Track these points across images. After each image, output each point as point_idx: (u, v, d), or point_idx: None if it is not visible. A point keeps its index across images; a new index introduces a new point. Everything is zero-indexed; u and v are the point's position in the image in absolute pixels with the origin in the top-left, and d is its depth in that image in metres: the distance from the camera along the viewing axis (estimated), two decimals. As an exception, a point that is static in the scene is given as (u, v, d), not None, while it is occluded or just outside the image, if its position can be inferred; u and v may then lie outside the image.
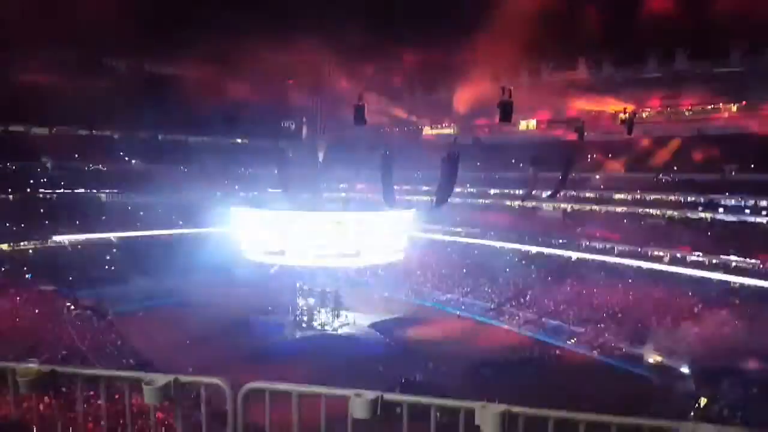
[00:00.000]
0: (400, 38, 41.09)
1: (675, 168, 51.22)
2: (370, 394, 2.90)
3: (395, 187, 41.36)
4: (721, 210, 48.11)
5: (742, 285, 42.32)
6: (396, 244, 43.71)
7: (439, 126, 73.80)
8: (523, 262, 55.04)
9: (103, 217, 56.41)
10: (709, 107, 51.76)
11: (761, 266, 41.89)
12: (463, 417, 2.86)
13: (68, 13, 36.89)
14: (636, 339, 38.56)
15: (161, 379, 3.10)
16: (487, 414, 2.73)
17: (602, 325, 41.86)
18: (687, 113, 53.42)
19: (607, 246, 51.17)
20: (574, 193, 55.67)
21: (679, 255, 46.61)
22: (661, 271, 46.85)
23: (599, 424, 2.75)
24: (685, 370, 33.69)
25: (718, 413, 27.40)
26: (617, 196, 54.67)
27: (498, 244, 58.44)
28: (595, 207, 56.00)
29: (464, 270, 57.41)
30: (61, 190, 57.82)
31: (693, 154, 49.11)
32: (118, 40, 44.95)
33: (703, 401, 29.08)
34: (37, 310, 39.49)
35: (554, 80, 53.77)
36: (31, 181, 57.10)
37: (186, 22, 41.88)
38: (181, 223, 59.97)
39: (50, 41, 42.31)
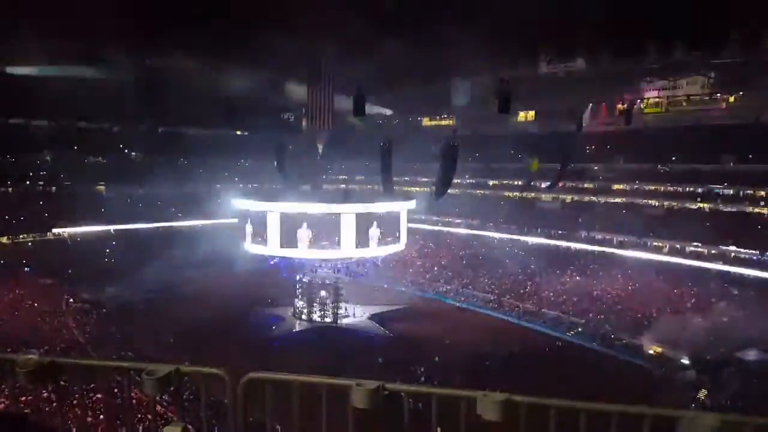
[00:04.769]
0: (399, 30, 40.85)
1: (673, 158, 51.20)
2: (371, 384, 2.89)
3: (394, 178, 41.30)
4: (719, 201, 48.10)
5: (741, 275, 42.37)
6: (395, 235, 43.61)
7: (437, 117, 73.81)
8: (523, 253, 54.99)
9: (103, 210, 56.38)
10: (707, 97, 51.77)
11: (760, 257, 41.94)
12: (464, 406, 2.84)
13: (68, 7, 36.80)
14: (636, 330, 38.61)
15: (162, 369, 3.09)
16: (489, 402, 2.72)
17: (602, 316, 41.91)
18: (685, 104, 53.40)
19: (607, 237, 51.18)
20: (572, 184, 55.68)
21: (678, 246, 46.61)
22: (661, 262, 46.87)
23: (600, 413, 2.74)
24: (685, 360, 33.72)
25: (718, 403, 27.46)
26: (616, 186, 54.68)
27: (497, 235, 58.53)
28: (594, 198, 56.03)
29: (464, 261, 57.44)
30: (61, 183, 57.91)
31: (691, 145, 49.12)
32: (118, 33, 44.70)
33: (703, 392, 29.12)
34: (36, 304, 39.58)
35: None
36: (31, 174, 57.21)
37: (184, 13, 41.68)
38: (180, 215, 60.02)
39: (50, 34, 42.13)
